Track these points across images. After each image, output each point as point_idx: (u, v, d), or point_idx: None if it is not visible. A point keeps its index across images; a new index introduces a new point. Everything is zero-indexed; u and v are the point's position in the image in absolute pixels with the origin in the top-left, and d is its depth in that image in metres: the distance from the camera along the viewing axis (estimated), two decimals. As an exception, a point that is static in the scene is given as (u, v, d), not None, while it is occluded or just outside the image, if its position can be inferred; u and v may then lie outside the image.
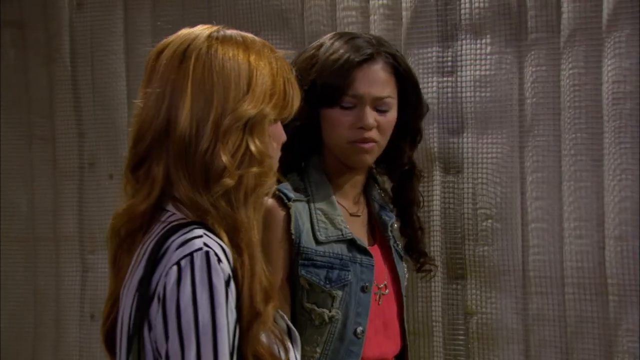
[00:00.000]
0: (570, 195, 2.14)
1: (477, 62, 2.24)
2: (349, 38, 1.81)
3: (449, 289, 2.26)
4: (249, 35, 1.31)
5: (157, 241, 1.18)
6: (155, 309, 1.13)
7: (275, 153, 1.31)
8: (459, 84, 2.26)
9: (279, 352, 1.22)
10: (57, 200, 2.86)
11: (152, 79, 1.25)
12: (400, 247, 1.89)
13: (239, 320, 1.16)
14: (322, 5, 2.43)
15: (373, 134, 1.74)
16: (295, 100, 1.31)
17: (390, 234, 1.84)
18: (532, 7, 2.18)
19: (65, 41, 2.82)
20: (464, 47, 2.26)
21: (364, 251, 1.76)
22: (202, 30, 1.28)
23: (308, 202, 1.76)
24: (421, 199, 1.96)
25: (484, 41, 2.24)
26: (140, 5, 2.73)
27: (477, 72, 2.24)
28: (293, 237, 1.72)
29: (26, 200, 2.92)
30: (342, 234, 1.75)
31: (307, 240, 1.74)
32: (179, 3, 2.67)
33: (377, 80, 1.75)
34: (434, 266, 1.97)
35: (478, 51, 2.24)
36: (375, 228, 1.88)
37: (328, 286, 1.73)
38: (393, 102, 1.79)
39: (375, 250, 1.82)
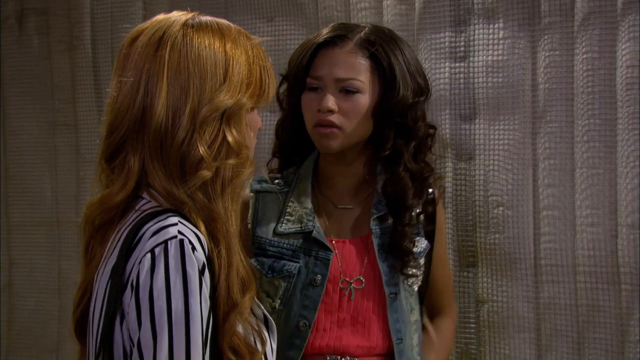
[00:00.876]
0: (583, 182, 2.10)
1: (490, 47, 2.21)
2: (336, 25, 1.79)
3: (460, 277, 2.24)
4: (224, 21, 1.29)
5: (131, 229, 1.18)
6: (128, 296, 1.13)
7: (252, 142, 1.30)
8: (471, 69, 2.23)
9: (255, 342, 1.22)
10: (80, 185, 2.90)
11: (126, 67, 1.23)
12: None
13: (215, 310, 1.15)
14: (336, -9, 2.42)
15: (334, 117, 1.69)
16: (272, 87, 1.29)
17: (374, 228, 1.79)
18: (546, -9, 2.14)
19: (87, 28, 2.85)
20: (476, 32, 2.23)
21: (322, 245, 1.74)
22: (177, 16, 1.26)
23: (287, 193, 1.76)
24: (415, 198, 1.77)
25: (496, 26, 2.20)
26: (158, -8, 2.74)
27: (490, 57, 2.21)
28: (249, 225, 1.74)
29: (50, 186, 2.96)
30: (301, 227, 1.74)
31: (263, 230, 1.75)
32: (196, -11, 2.68)
33: (341, 62, 1.70)
34: (418, 270, 1.79)
35: (491, 36, 2.21)
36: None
37: (270, 275, 1.73)
38: (363, 86, 1.71)
39: (352, 243, 1.76)
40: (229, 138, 1.21)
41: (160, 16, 1.28)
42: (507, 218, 2.19)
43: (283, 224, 1.74)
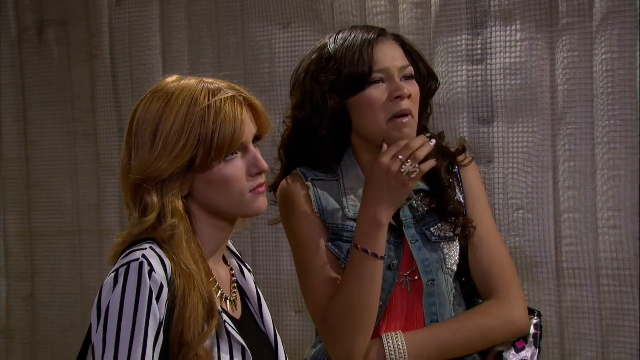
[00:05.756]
0: (605, 184, 2.08)
1: (508, 49, 2.19)
2: (350, 29, 1.79)
3: (482, 281, 2.22)
4: (183, 84, 1.35)
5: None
6: (94, 308, 1.28)
7: (215, 196, 1.34)
8: (489, 72, 2.22)
9: None
10: (100, 195, 2.92)
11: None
12: (430, 230, 1.77)
13: (170, 344, 1.28)
14: (352, -4, 2.42)
15: (409, 104, 1.69)
16: (225, 131, 1.33)
17: (404, 219, 1.76)
18: (563, -9, 2.13)
19: (105, 38, 2.87)
20: (494, 34, 2.21)
21: (393, 229, 1.73)
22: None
23: (338, 180, 1.76)
24: (444, 153, 1.76)
25: (514, 27, 2.19)
26: (175, 1, 2.75)
27: (508, 60, 2.19)
28: (317, 214, 1.74)
29: (71, 195, 2.98)
30: None
31: (333, 217, 1.74)
32: (212, -2, 2.69)
33: (396, 52, 1.73)
34: (472, 227, 1.72)
35: (508, 38, 2.19)
36: None
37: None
38: (413, 72, 1.74)
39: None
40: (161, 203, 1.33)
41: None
42: (527, 221, 2.17)
43: (349, 209, 1.74)
